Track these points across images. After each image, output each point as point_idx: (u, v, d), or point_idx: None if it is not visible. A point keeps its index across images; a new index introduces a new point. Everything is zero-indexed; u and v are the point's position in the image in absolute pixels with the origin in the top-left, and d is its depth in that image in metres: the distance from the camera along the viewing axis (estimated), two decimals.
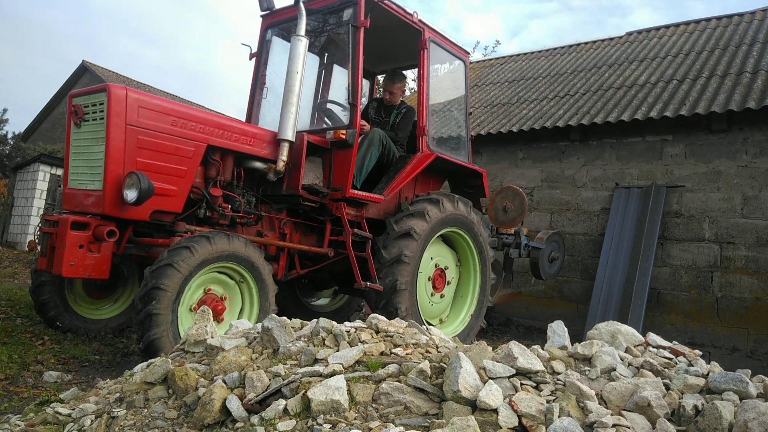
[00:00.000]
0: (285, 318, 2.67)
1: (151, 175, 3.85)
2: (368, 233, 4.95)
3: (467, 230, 5.55)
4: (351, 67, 4.84)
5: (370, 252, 4.87)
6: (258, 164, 4.67)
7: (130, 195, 3.77)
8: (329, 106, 5.77)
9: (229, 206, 4.51)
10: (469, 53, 6.22)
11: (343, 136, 4.70)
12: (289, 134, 4.57)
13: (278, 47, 5.62)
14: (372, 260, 4.84)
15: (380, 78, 6.66)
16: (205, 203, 4.39)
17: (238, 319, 3.91)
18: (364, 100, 6.30)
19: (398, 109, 5.72)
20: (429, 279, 5.36)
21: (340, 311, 6.48)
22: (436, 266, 5.47)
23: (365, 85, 6.40)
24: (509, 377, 2.06)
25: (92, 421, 2.34)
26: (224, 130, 4.43)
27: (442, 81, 6.03)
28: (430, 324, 5.40)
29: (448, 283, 5.62)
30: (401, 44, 5.71)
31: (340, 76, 5.99)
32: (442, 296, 5.54)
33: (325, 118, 5.70)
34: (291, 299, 6.02)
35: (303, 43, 4.56)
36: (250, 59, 5.62)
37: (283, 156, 4.59)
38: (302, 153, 4.66)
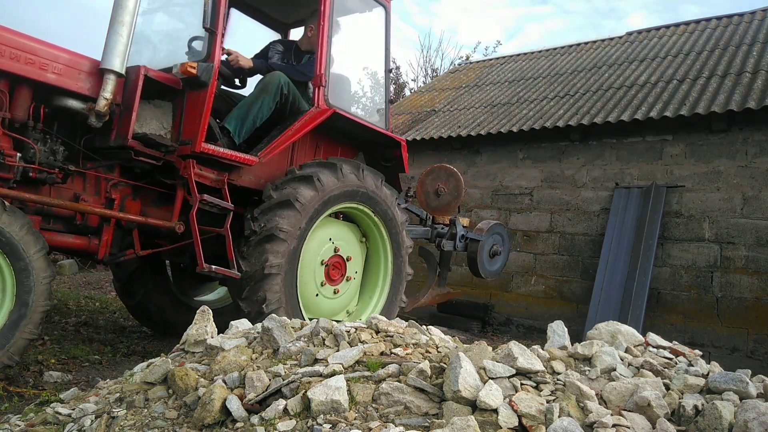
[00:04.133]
0: (285, 318, 2.67)
1: None
2: (228, 203, 3.89)
3: (376, 209, 4.66)
4: None
5: (228, 226, 3.78)
6: (71, 102, 3.54)
7: None
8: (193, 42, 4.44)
9: (18, 155, 3.34)
10: None
11: (192, 71, 3.64)
12: (116, 63, 3.48)
13: None
14: (230, 237, 3.79)
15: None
16: None
17: None
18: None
19: (314, 55, 4.56)
20: (323, 264, 4.41)
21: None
22: (335, 252, 4.52)
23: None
24: (509, 377, 2.06)
25: (92, 421, 2.34)
26: (12, 48, 3.23)
27: (356, 30, 5.11)
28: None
29: (348, 279, 4.66)
30: None
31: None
32: (336, 292, 4.57)
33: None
34: (167, 294, 5.10)
35: None
36: None
37: (107, 92, 3.48)
38: (136, 91, 3.58)
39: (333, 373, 2.15)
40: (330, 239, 4.50)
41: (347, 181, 4.37)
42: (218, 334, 2.84)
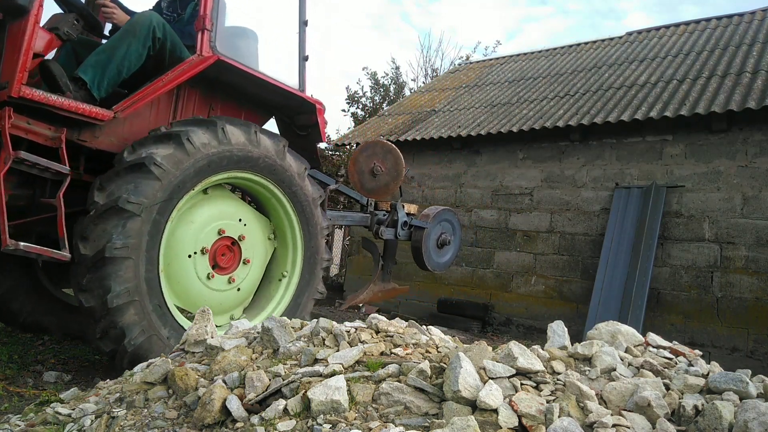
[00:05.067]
0: (285, 318, 2.67)
1: None
2: (63, 166, 3.11)
3: (278, 182, 3.96)
4: None
5: (61, 195, 3.03)
6: None
7: None
8: None
9: None
10: None
11: None
12: None
13: None
14: (63, 209, 3.02)
15: None
16: None
17: None
18: None
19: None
20: (204, 252, 3.69)
21: None
22: (219, 234, 3.79)
23: None
24: (509, 377, 2.06)
25: (92, 421, 2.34)
26: None
27: None
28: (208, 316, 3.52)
29: (246, 262, 3.97)
30: None
31: None
32: (231, 281, 3.90)
33: None
34: (37, 289, 4.39)
35: None
36: None
37: None
38: None
39: (333, 373, 2.15)
40: (215, 220, 3.76)
41: (233, 145, 3.59)
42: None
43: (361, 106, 17.73)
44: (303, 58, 4.52)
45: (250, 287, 4.11)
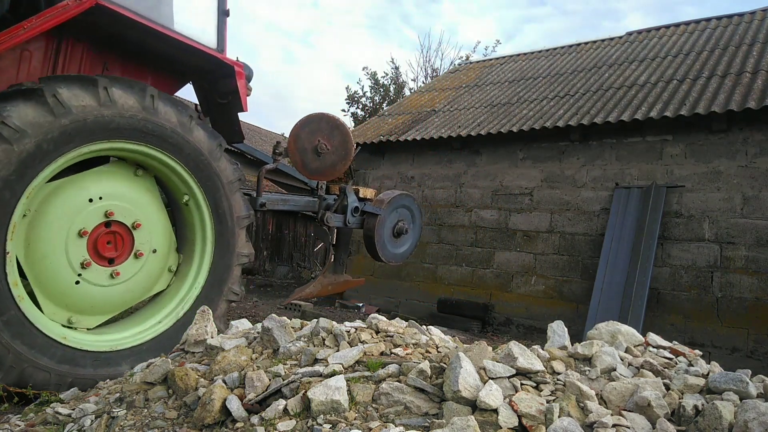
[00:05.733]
0: (285, 318, 2.68)
1: None
2: None
3: (182, 159, 3.36)
4: None
5: None
6: None
7: None
8: None
9: None
10: None
11: None
12: None
13: None
14: None
15: None
16: None
17: None
18: None
19: None
20: (81, 234, 3.11)
21: None
22: (106, 216, 3.23)
23: None
24: (509, 377, 2.06)
25: (92, 421, 2.34)
26: None
27: None
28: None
29: (138, 255, 3.37)
30: None
31: None
32: (114, 275, 3.29)
33: None
34: None
35: None
36: None
37: None
38: None
39: (333, 373, 2.15)
40: (98, 197, 3.17)
41: (119, 109, 3.02)
42: None
43: (361, 106, 17.74)
44: (222, 13, 3.94)
45: (143, 284, 3.47)
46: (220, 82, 3.94)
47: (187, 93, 4.86)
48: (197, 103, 4.36)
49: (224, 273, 3.72)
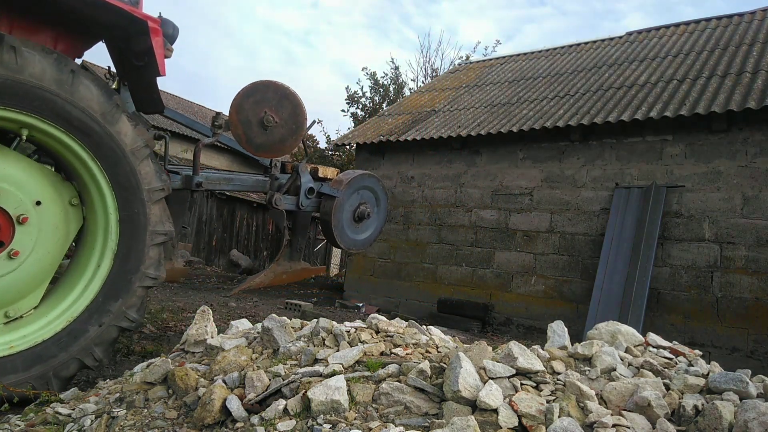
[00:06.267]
0: (285, 318, 2.68)
1: None
2: None
3: (63, 122, 2.90)
4: None
5: None
6: None
7: None
8: None
9: None
10: None
11: None
12: None
13: None
14: None
15: None
16: None
17: None
18: None
19: None
20: None
21: None
22: None
23: None
24: (509, 377, 2.06)
25: (92, 421, 2.34)
26: None
27: None
28: None
29: (13, 254, 2.92)
30: None
31: None
32: (12, 255, 2.89)
33: None
34: None
35: None
36: None
37: None
38: None
39: (333, 373, 2.15)
40: None
41: None
42: None
43: (360, 107, 17.75)
44: None
45: (11, 287, 2.96)
46: (133, 41, 3.34)
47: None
48: (111, 66, 3.86)
49: (136, 255, 3.21)
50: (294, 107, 4.12)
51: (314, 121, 4.55)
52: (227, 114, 4.20)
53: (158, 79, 3.57)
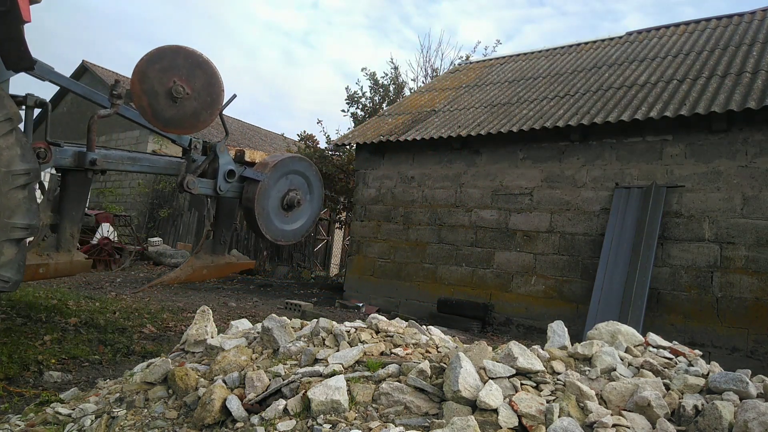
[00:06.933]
0: (285, 318, 2.68)
1: None
2: None
3: None
4: None
5: None
6: None
7: None
8: None
9: None
10: None
11: None
12: None
13: None
14: None
15: None
16: None
17: None
18: None
19: None
20: None
21: None
22: None
23: None
24: (509, 377, 2.06)
25: (92, 421, 2.34)
26: None
27: None
28: None
29: None
30: None
31: None
32: None
33: None
34: None
35: None
36: None
37: None
38: None
39: (333, 373, 2.15)
40: None
41: None
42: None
43: (360, 107, 17.74)
44: None
45: None
46: None
47: None
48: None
49: None
50: (209, 77, 3.62)
51: (233, 96, 3.96)
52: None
53: None
